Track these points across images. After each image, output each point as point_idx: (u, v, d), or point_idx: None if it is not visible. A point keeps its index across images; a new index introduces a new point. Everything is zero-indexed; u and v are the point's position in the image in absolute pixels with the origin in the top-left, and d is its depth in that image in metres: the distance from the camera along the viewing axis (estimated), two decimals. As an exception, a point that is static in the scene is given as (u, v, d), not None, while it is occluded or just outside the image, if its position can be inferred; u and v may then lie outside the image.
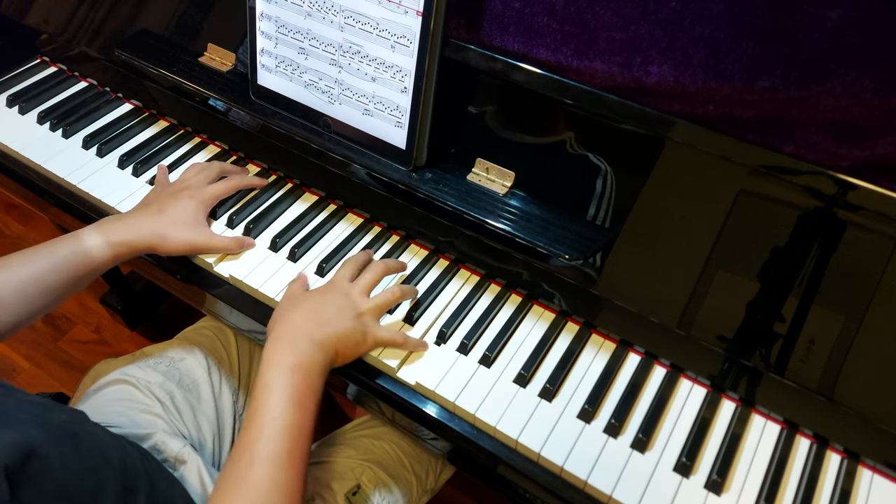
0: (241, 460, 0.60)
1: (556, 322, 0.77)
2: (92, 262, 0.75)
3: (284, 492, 0.59)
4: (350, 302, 0.72)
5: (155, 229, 0.78)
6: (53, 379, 1.61)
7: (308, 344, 0.67)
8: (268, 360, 0.65)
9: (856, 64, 0.58)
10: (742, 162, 0.64)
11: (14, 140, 0.97)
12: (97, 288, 1.64)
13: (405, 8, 0.70)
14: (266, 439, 0.61)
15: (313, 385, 0.65)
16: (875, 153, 0.59)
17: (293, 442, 0.61)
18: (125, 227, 0.78)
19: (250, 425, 0.62)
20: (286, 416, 0.62)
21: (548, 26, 0.69)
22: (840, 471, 0.66)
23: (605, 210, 0.73)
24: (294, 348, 0.66)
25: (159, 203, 0.81)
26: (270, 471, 0.59)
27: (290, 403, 0.63)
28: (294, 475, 0.60)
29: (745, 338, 0.67)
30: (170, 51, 0.95)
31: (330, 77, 0.80)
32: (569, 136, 0.73)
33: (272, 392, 0.63)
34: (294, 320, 0.69)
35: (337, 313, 0.70)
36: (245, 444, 0.61)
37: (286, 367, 0.64)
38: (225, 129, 0.95)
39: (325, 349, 0.67)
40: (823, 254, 0.63)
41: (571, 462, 0.66)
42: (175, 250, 0.80)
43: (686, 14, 0.63)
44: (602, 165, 0.72)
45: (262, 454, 0.60)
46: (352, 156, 0.81)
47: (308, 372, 0.65)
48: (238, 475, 0.59)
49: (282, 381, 0.64)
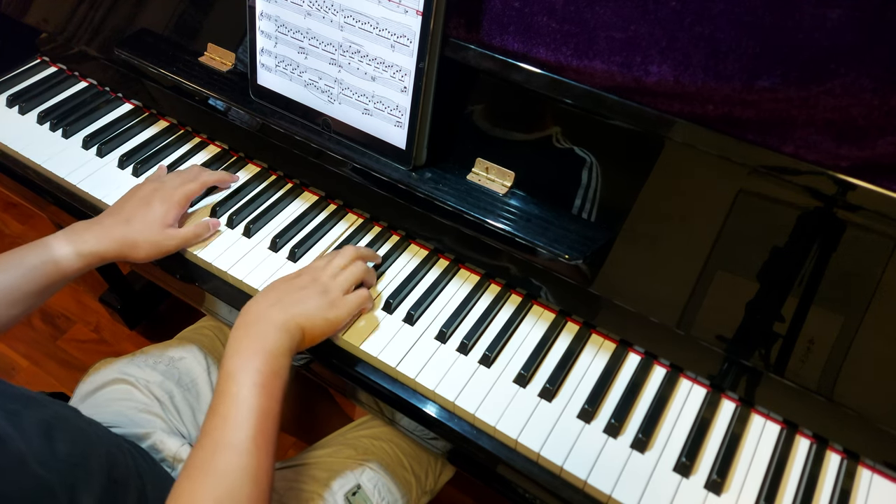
0: (205, 447, 0.59)
1: (556, 322, 0.77)
2: (61, 272, 0.75)
3: (251, 477, 0.58)
4: (317, 283, 0.73)
5: (125, 238, 0.78)
6: (53, 378, 1.61)
7: (271, 328, 0.67)
8: (231, 348, 0.65)
9: (856, 64, 0.58)
10: (742, 162, 0.64)
11: (14, 140, 0.97)
12: (97, 287, 1.64)
13: (405, 7, 0.70)
14: (231, 426, 0.60)
15: (278, 369, 0.65)
16: (875, 153, 0.59)
17: (259, 427, 0.61)
18: (94, 237, 0.77)
19: (215, 413, 0.61)
20: (251, 401, 0.61)
21: (547, 26, 0.69)
22: (840, 471, 0.66)
23: (604, 210, 0.72)
24: (257, 334, 0.66)
25: (130, 209, 0.81)
26: (236, 457, 0.58)
27: (255, 388, 0.62)
28: (261, 460, 0.60)
29: (744, 338, 0.67)
30: (170, 50, 0.95)
31: (330, 76, 0.80)
32: (568, 136, 0.73)
33: (236, 378, 0.62)
34: (257, 306, 0.69)
35: (303, 295, 0.71)
36: (209, 430, 0.60)
37: (249, 353, 0.64)
38: (225, 129, 0.95)
39: (289, 331, 0.67)
40: (823, 254, 0.63)
41: (571, 462, 0.66)
42: (145, 258, 0.80)
43: (686, 14, 0.63)
44: (602, 165, 0.72)
45: (228, 440, 0.59)
46: (351, 155, 0.81)
47: (272, 356, 0.65)
48: (203, 462, 0.58)
49: (245, 367, 0.63)
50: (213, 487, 0.57)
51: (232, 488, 0.57)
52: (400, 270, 0.82)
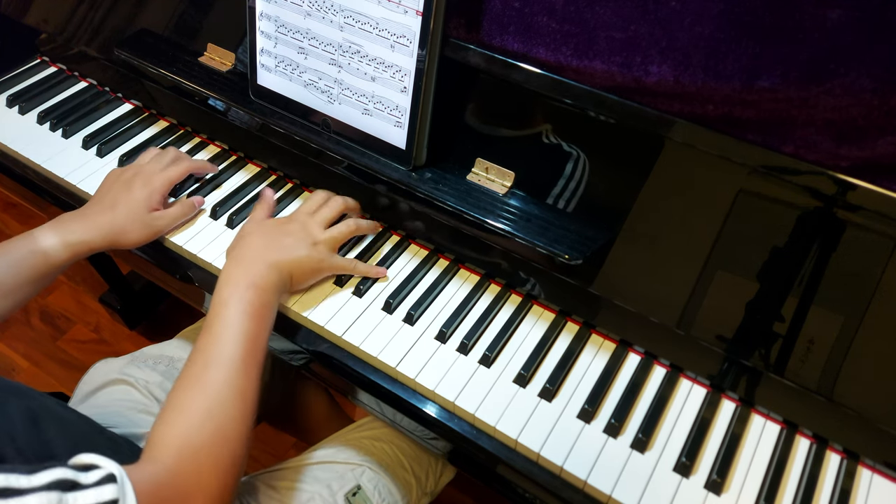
0: (196, 363, 0.63)
1: (555, 322, 0.77)
2: (50, 262, 0.75)
3: (238, 391, 0.62)
4: (307, 232, 0.76)
5: (112, 225, 0.78)
6: (52, 378, 1.61)
7: (263, 265, 0.71)
8: (224, 279, 0.69)
9: (856, 64, 0.58)
10: (742, 162, 0.64)
11: (14, 140, 0.97)
12: (97, 287, 1.64)
13: (405, 7, 0.70)
14: (221, 345, 0.64)
15: (267, 302, 0.69)
16: (875, 153, 0.59)
17: (247, 349, 0.64)
18: (81, 227, 0.77)
19: (206, 334, 0.65)
20: (241, 325, 0.65)
21: (547, 26, 0.69)
22: (840, 471, 0.66)
23: (604, 210, 0.72)
24: (250, 268, 0.70)
25: (112, 195, 0.81)
26: (225, 373, 0.62)
27: (245, 315, 0.66)
28: (247, 378, 0.63)
29: (744, 338, 0.67)
30: (169, 50, 0.95)
31: (329, 77, 0.80)
32: (568, 136, 0.73)
33: (227, 305, 0.66)
34: (252, 243, 0.73)
35: (294, 241, 0.75)
36: (200, 348, 0.64)
37: (242, 285, 0.68)
38: (225, 129, 0.95)
39: (279, 271, 0.72)
40: (823, 254, 0.63)
41: (571, 462, 0.66)
42: (136, 243, 0.80)
43: (686, 14, 0.63)
44: (602, 165, 0.72)
45: (217, 358, 0.63)
46: (351, 155, 0.81)
47: (262, 290, 0.69)
48: (195, 376, 0.62)
49: (237, 296, 0.67)
50: (204, 399, 0.61)
51: (221, 400, 0.61)
52: (400, 270, 0.82)
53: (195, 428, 0.59)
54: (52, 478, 0.45)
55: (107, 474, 0.48)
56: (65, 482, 0.46)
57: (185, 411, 0.60)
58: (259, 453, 1.49)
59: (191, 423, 0.59)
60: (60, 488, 0.45)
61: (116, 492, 0.47)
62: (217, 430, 0.59)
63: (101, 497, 0.46)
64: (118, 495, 0.47)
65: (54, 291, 1.76)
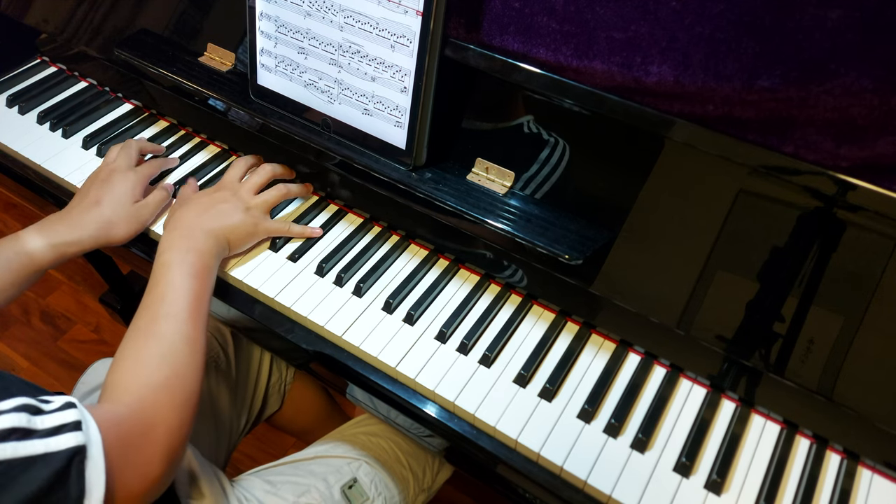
0: (144, 317, 0.67)
1: (555, 322, 0.77)
2: (35, 264, 0.76)
3: (188, 339, 0.66)
4: (238, 198, 0.80)
5: (100, 221, 0.79)
6: (52, 378, 1.62)
7: (200, 232, 0.74)
8: (164, 246, 0.72)
9: (856, 64, 0.58)
10: (742, 162, 0.64)
11: (14, 140, 0.97)
12: (97, 287, 1.64)
13: (405, 7, 0.70)
14: (169, 301, 0.67)
15: (208, 265, 0.73)
16: (875, 153, 0.59)
17: (193, 305, 0.68)
18: (66, 227, 0.78)
19: (152, 293, 0.68)
20: (185, 284, 0.69)
21: (547, 26, 0.69)
22: (840, 471, 0.66)
23: (604, 210, 0.72)
24: (189, 236, 0.73)
25: (94, 193, 0.81)
26: (174, 324, 0.66)
27: (188, 276, 0.69)
28: (195, 328, 0.67)
29: (744, 338, 0.67)
30: (169, 50, 0.95)
31: (329, 77, 0.80)
32: (568, 137, 0.73)
33: (170, 267, 0.70)
34: (187, 215, 0.76)
35: (227, 208, 0.78)
36: (148, 304, 0.67)
37: (182, 249, 0.71)
38: (225, 129, 0.95)
39: (216, 238, 0.75)
40: (823, 254, 0.63)
41: (571, 462, 0.66)
42: (125, 236, 0.81)
43: (686, 14, 0.63)
44: (602, 165, 0.72)
45: (166, 311, 0.66)
46: (351, 155, 0.81)
47: (202, 254, 0.72)
48: (145, 329, 0.66)
49: (179, 259, 0.70)
50: (157, 346, 0.64)
51: (173, 349, 0.64)
52: (400, 270, 0.82)
53: (152, 370, 0.62)
54: (18, 403, 0.47)
55: (66, 402, 0.51)
56: (30, 406, 0.48)
57: (141, 358, 0.63)
58: (258, 453, 1.49)
59: (148, 367, 0.63)
60: (27, 411, 0.47)
61: (78, 414, 0.50)
62: (172, 372, 0.63)
63: (66, 419, 0.49)
64: (80, 417, 0.50)
65: (54, 291, 1.76)
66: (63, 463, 0.47)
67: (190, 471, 0.77)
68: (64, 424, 0.48)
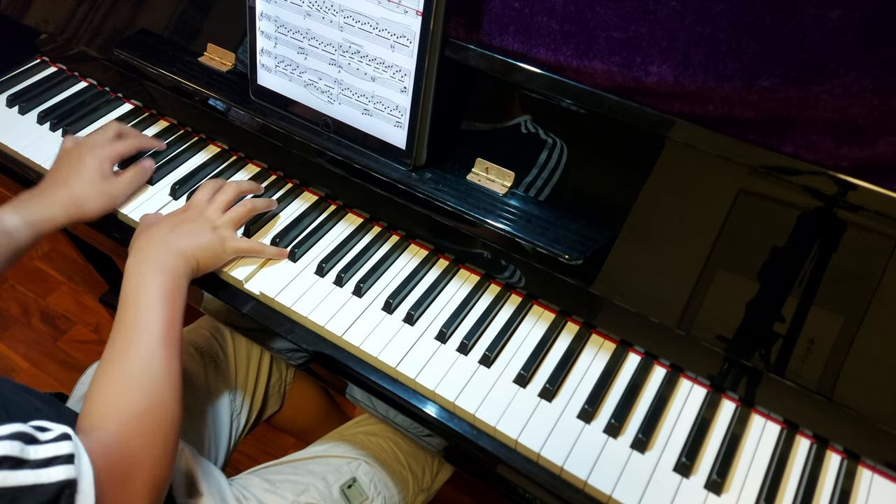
0: (118, 340, 0.65)
1: (555, 322, 0.77)
2: (14, 242, 0.76)
3: (164, 362, 0.64)
4: (206, 218, 0.78)
5: (70, 197, 0.80)
6: (52, 378, 1.61)
7: (172, 253, 0.72)
8: (133, 268, 0.70)
9: (856, 64, 0.58)
10: (742, 162, 0.64)
11: (14, 140, 0.97)
12: (97, 287, 1.64)
13: (405, 8, 0.70)
14: (140, 326, 0.66)
15: (178, 287, 0.71)
16: (875, 153, 0.59)
17: (166, 329, 0.66)
18: (38, 204, 0.79)
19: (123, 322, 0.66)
20: (157, 308, 0.67)
21: (547, 26, 0.69)
22: (840, 471, 0.66)
23: (604, 210, 0.72)
24: (157, 256, 0.71)
25: (66, 171, 0.82)
26: (148, 348, 0.64)
27: (159, 299, 0.68)
28: (169, 351, 0.65)
29: (744, 338, 0.67)
30: (169, 50, 0.95)
31: (329, 77, 0.80)
32: (568, 137, 0.73)
33: (140, 292, 0.68)
34: (155, 234, 0.74)
35: (195, 228, 0.76)
36: (119, 328, 0.66)
37: (152, 271, 0.70)
38: (225, 129, 0.95)
39: (185, 257, 0.73)
40: (823, 254, 0.63)
41: (571, 462, 0.66)
42: (96, 212, 0.82)
43: (686, 14, 0.63)
44: (602, 165, 0.72)
45: (138, 336, 0.65)
46: (351, 155, 0.81)
47: (173, 275, 0.70)
48: (119, 351, 0.64)
49: (149, 282, 0.69)
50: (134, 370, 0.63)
51: (150, 371, 0.63)
52: (400, 270, 0.82)
53: (133, 394, 0.61)
54: (13, 430, 0.47)
55: (62, 433, 0.50)
56: (25, 435, 0.48)
57: (119, 382, 0.62)
58: (258, 453, 1.49)
59: (128, 391, 0.62)
60: (22, 440, 0.47)
61: (72, 447, 0.49)
62: (153, 396, 0.62)
63: (59, 451, 0.49)
64: (73, 450, 0.49)
65: (54, 292, 1.76)
66: (51, 496, 0.47)
67: (187, 469, 0.77)
68: (57, 456, 0.48)
